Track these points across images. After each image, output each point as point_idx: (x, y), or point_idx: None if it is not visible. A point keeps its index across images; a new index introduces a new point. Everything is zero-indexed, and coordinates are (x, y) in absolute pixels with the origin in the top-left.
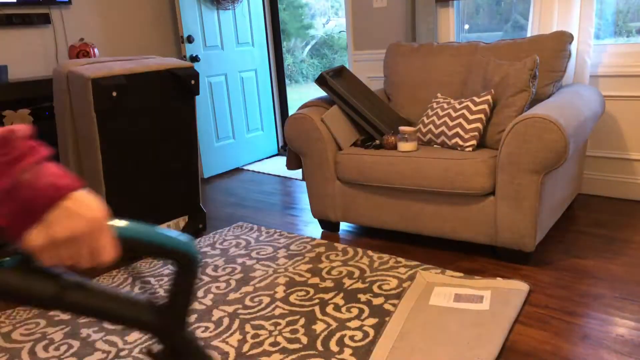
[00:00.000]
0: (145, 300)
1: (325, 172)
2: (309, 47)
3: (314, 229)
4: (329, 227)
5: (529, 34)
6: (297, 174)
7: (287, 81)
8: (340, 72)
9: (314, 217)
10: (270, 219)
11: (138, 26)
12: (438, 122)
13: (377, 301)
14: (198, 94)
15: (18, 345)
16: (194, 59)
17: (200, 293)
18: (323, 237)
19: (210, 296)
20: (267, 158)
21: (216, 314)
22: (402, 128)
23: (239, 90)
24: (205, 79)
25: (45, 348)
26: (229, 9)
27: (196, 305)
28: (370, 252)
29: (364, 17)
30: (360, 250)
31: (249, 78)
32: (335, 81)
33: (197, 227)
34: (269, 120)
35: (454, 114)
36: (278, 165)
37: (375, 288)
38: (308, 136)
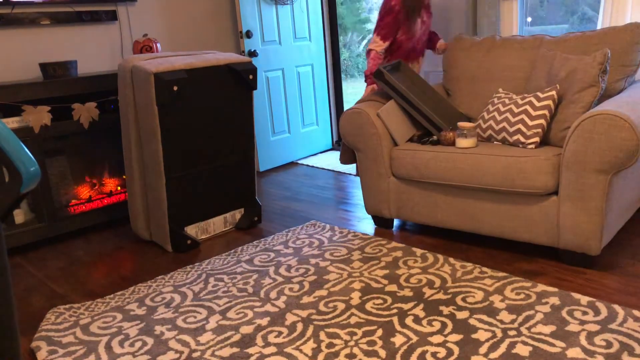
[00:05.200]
0: None
1: (380, 168)
2: (365, 41)
3: (368, 225)
4: (383, 223)
5: (599, 27)
6: (351, 168)
7: (342, 76)
8: (398, 66)
9: (368, 212)
10: (324, 214)
11: (198, 22)
12: (499, 118)
13: (461, 315)
14: (256, 88)
15: (95, 339)
16: (252, 53)
17: (273, 294)
18: (377, 233)
19: (284, 298)
20: (321, 152)
21: (289, 318)
22: (460, 124)
23: (295, 84)
24: (262, 74)
25: (121, 343)
26: (287, 4)
27: (269, 307)
28: (452, 260)
29: None
30: (440, 257)
31: (305, 73)
32: (393, 76)
33: (253, 219)
34: (324, 114)
35: (516, 110)
36: (332, 160)
37: (458, 300)
38: (363, 131)
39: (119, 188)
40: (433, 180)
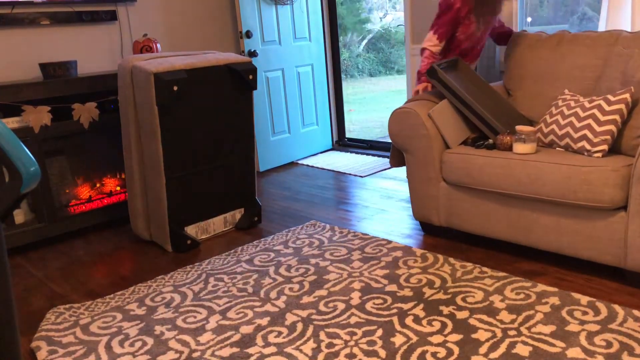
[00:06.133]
0: None
1: (430, 172)
2: (365, 41)
3: (368, 225)
4: (430, 230)
5: (599, 28)
6: (352, 169)
7: (342, 76)
8: (455, 64)
9: (415, 218)
10: (324, 214)
11: (198, 22)
12: (562, 122)
13: (461, 315)
14: (256, 88)
15: (95, 339)
16: (252, 54)
17: (273, 294)
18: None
19: (284, 298)
20: (321, 152)
21: (289, 318)
22: (519, 127)
23: (295, 85)
24: (262, 74)
25: (121, 343)
26: (287, 4)
27: (269, 307)
28: (452, 260)
29: (423, 10)
30: (440, 257)
31: (305, 73)
32: (448, 74)
33: (253, 219)
34: (324, 114)
35: (582, 114)
36: (332, 160)
37: (458, 300)
38: (413, 132)
39: (119, 188)
40: (486, 188)
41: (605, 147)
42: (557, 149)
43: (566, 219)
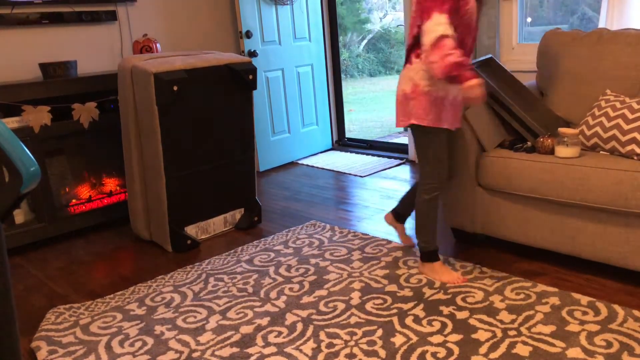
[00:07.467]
0: None
1: (464, 176)
2: (365, 41)
3: (368, 225)
4: (464, 237)
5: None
6: (352, 169)
7: (342, 76)
8: (488, 63)
9: (448, 225)
10: (324, 214)
11: (198, 22)
12: (608, 125)
13: (461, 315)
14: (255, 88)
15: (95, 339)
16: (252, 54)
17: (273, 294)
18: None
19: (284, 298)
20: (321, 152)
21: (289, 318)
22: (561, 130)
23: (295, 85)
24: (262, 74)
25: (121, 343)
26: (287, 4)
27: (269, 307)
28: (451, 260)
29: None
30: (440, 256)
31: (305, 73)
32: (482, 73)
33: (253, 219)
34: (324, 114)
35: (630, 116)
36: (332, 160)
37: (458, 300)
38: None
39: (119, 188)
40: (527, 194)
41: None
42: (602, 152)
43: (615, 228)
